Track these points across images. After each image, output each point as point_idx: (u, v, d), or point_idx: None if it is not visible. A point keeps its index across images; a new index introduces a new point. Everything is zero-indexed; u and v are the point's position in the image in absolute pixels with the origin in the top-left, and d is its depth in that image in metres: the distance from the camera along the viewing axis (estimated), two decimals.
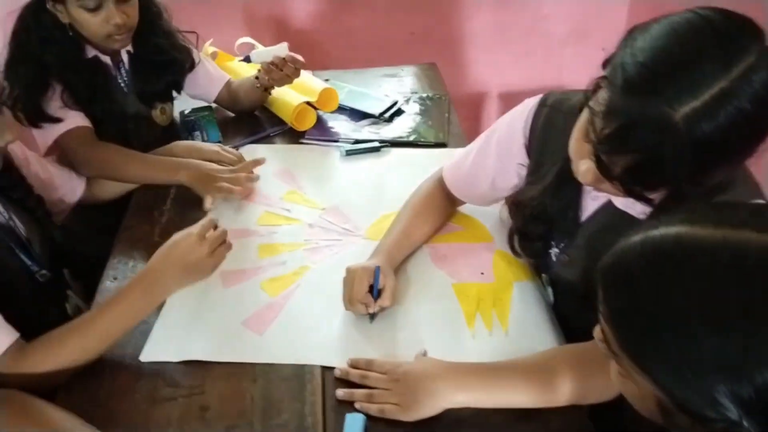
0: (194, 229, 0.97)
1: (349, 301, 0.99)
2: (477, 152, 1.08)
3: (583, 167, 0.77)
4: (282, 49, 1.11)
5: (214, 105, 1.58)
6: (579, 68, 2.50)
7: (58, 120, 1.27)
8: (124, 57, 1.37)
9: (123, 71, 1.38)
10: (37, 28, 1.23)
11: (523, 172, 1.03)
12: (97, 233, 1.25)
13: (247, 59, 1.06)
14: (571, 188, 0.92)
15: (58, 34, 1.24)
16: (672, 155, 0.66)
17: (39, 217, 1.11)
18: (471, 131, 2.62)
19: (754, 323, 0.46)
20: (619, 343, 0.55)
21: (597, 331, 0.58)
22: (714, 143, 0.65)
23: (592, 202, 0.92)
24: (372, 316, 1.00)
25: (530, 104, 1.00)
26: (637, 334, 0.53)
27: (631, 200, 0.84)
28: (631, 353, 0.54)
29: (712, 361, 0.48)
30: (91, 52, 1.32)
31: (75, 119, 1.30)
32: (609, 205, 0.88)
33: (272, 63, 1.38)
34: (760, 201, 0.75)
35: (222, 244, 0.99)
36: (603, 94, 0.71)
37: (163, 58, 1.39)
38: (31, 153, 1.23)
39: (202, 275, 0.98)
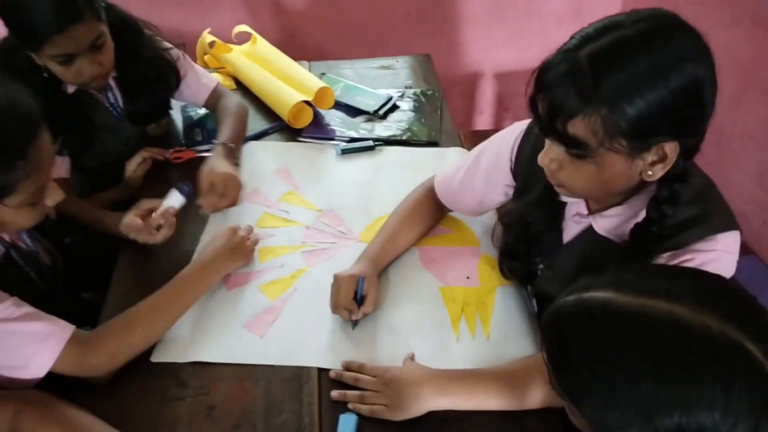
0: (229, 226, 1.20)
1: (335, 307, 1.07)
2: (466, 171, 1.13)
3: (542, 152, 0.86)
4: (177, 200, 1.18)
5: None
6: None
7: None
8: (111, 82, 1.36)
9: (111, 96, 1.38)
10: (11, 67, 1.19)
11: (510, 191, 1.10)
12: (102, 241, 1.29)
13: None
14: (554, 205, 0.98)
15: (32, 75, 1.19)
16: (580, 86, 0.75)
17: (49, 233, 1.16)
18: (466, 110, 2.67)
19: (660, 379, 0.56)
20: (556, 383, 0.65)
21: (545, 373, 0.67)
22: (616, 79, 0.74)
23: (574, 225, 0.99)
24: (354, 323, 1.08)
25: (517, 130, 1.05)
26: (568, 378, 0.63)
27: (611, 226, 0.92)
28: (565, 392, 0.64)
29: (626, 407, 0.58)
30: (72, 87, 1.29)
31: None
32: (590, 229, 0.95)
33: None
34: (678, 265, 0.84)
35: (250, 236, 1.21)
36: None
37: (147, 83, 1.36)
38: None
39: (245, 257, 1.18)
